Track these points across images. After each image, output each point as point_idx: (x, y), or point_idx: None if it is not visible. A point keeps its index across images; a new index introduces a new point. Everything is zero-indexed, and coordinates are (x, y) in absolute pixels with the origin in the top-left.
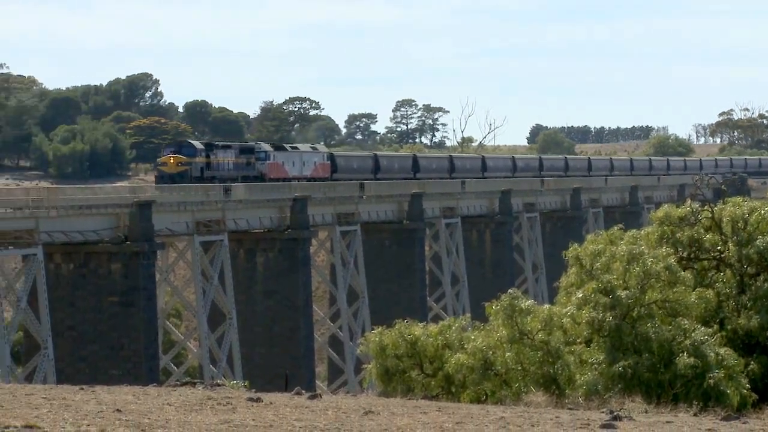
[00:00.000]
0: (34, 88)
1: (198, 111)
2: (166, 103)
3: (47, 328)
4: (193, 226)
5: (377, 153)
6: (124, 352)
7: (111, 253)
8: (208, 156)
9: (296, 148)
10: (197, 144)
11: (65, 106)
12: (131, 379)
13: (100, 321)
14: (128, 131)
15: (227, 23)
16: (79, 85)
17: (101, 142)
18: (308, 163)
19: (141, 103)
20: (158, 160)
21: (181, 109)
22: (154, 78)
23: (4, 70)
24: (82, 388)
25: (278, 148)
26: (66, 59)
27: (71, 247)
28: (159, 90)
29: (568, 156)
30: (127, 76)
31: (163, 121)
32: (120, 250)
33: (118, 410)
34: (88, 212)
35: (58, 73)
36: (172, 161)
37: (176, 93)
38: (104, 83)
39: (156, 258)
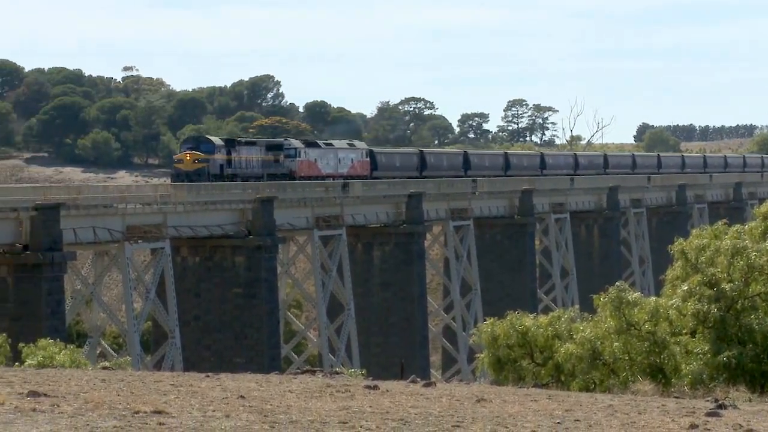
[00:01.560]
0: (163, 89)
1: (317, 111)
2: (287, 104)
3: (174, 318)
4: (312, 221)
5: (423, 150)
6: (247, 341)
7: (235, 247)
8: (229, 153)
9: (331, 144)
10: (216, 140)
11: (191, 106)
12: (254, 367)
13: (225, 311)
14: (251, 130)
15: (346, 26)
16: (205, 87)
17: None
18: (344, 161)
19: (263, 104)
20: (174, 157)
21: (301, 110)
22: (275, 79)
23: (135, 73)
24: (208, 376)
25: (310, 144)
26: (193, 62)
27: (197, 241)
28: (280, 91)
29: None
30: (250, 78)
31: (284, 120)
32: (243, 244)
33: (241, 397)
34: (212, 208)
35: (185, 74)
36: (188, 158)
37: (297, 94)
38: (228, 85)
39: (278, 251)
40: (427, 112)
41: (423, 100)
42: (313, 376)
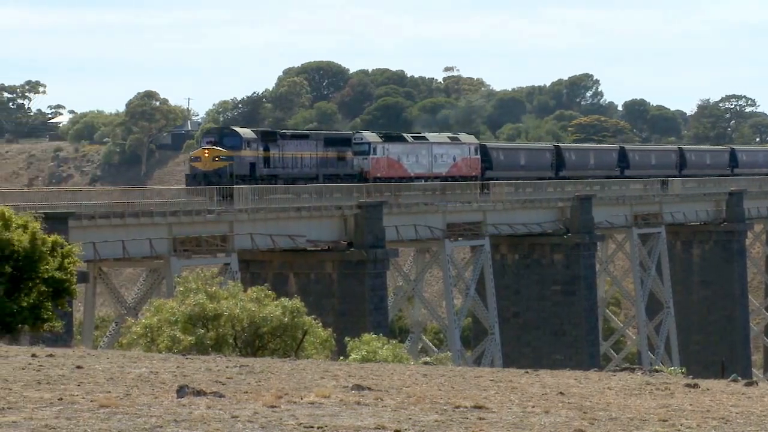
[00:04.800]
0: (482, 89)
1: (636, 109)
2: (606, 102)
3: (494, 315)
4: (631, 218)
5: (558, 145)
6: (566, 338)
7: (553, 245)
8: (266, 148)
9: (423, 138)
10: (245, 132)
11: (511, 105)
12: (573, 364)
13: (544, 308)
14: (569, 129)
15: (665, 23)
16: (524, 86)
17: (545, 140)
18: (443, 158)
19: (582, 103)
20: (191, 154)
21: (620, 108)
22: (594, 78)
23: (455, 73)
24: (527, 372)
25: (391, 138)
26: (513, 61)
27: (516, 238)
28: (599, 90)
29: None
30: (569, 77)
31: (602, 119)
32: (562, 242)
33: (560, 393)
34: (531, 206)
35: (505, 74)
36: (206, 155)
37: (616, 92)
38: (547, 84)
39: (596, 249)
40: (748, 109)
41: (744, 97)
42: (632, 373)
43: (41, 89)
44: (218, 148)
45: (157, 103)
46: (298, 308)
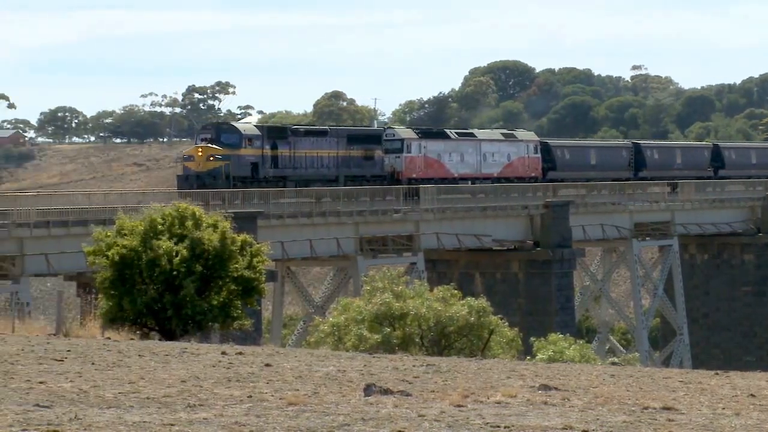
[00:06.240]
0: (671, 87)
1: None
2: None
3: (683, 316)
4: None
5: (638, 142)
6: (757, 340)
7: (744, 245)
8: (273, 146)
9: (471, 135)
10: (246, 128)
11: (699, 104)
12: (764, 366)
13: (734, 309)
14: (760, 127)
15: None
16: (713, 84)
17: (735, 138)
18: (494, 157)
19: None
20: (183, 152)
21: None
22: None
23: (643, 71)
24: (717, 373)
25: (430, 134)
26: (702, 59)
27: (705, 238)
28: None
29: None
30: (760, 75)
31: None
32: (753, 242)
33: (752, 395)
34: (720, 205)
35: (693, 72)
36: (200, 154)
37: None
38: (738, 82)
39: None
40: None
41: None
42: None
43: (231, 90)
44: (213, 146)
45: (344, 104)
46: (484, 308)
